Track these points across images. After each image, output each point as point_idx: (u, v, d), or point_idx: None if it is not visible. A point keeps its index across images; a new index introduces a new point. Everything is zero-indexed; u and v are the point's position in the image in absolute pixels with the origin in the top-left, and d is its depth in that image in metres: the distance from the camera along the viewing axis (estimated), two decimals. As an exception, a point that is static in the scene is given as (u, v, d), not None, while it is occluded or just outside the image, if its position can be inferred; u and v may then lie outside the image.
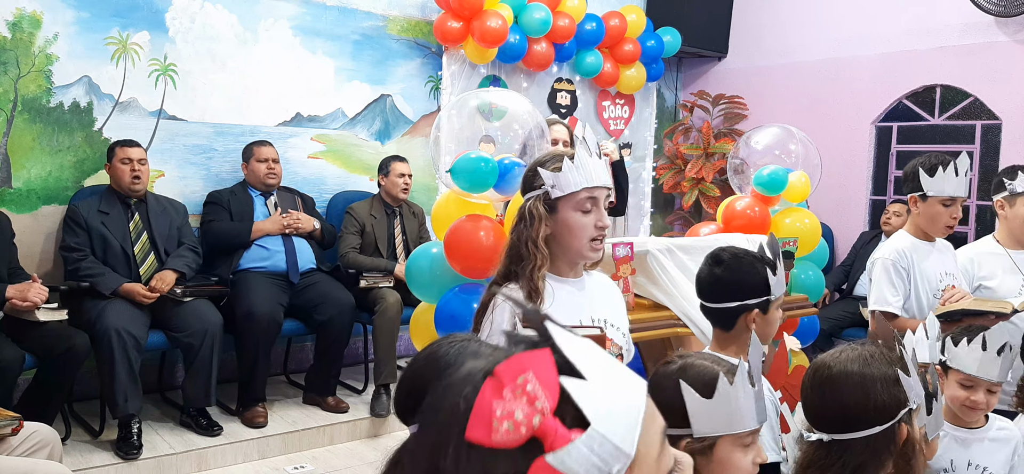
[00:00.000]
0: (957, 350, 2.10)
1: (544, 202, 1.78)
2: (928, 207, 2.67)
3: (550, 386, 0.60)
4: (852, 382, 1.46)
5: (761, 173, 3.58)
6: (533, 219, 1.77)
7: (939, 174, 2.63)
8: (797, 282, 3.55)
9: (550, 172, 1.77)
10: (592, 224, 1.77)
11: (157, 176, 4.29)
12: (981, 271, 2.85)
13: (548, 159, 1.81)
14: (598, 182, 1.77)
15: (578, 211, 1.76)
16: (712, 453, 1.38)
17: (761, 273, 1.94)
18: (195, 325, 3.76)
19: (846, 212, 5.69)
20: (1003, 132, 4.96)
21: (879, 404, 1.43)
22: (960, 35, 5.09)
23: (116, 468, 3.56)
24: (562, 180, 1.75)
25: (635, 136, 6.29)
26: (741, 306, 1.96)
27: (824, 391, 1.50)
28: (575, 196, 1.75)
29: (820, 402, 1.50)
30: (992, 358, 2.09)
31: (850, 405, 1.45)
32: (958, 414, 2.15)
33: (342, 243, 4.47)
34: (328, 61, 4.85)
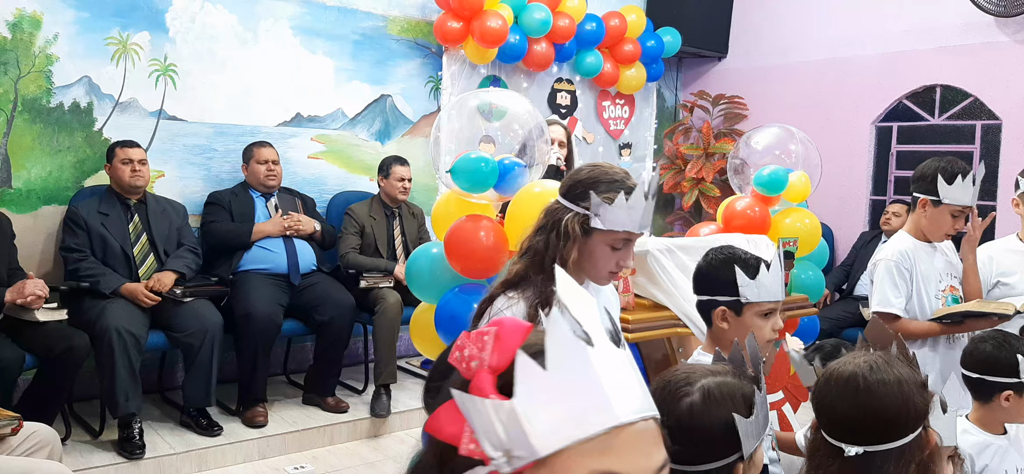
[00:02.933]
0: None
1: (581, 224, 1.73)
2: (938, 213, 2.65)
3: (506, 351, 0.62)
4: (890, 391, 1.42)
5: (761, 173, 3.57)
6: (567, 237, 1.72)
7: (957, 183, 2.60)
8: (797, 282, 3.55)
9: (602, 200, 1.70)
10: (615, 261, 1.75)
11: (157, 176, 4.29)
12: (1000, 268, 2.85)
13: (602, 183, 1.73)
14: (638, 228, 1.73)
15: (609, 246, 1.73)
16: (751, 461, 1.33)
17: (730, 272, 1.90)
18: (195, 325, 3.76)
19: (846, 212, 5.68)
20: (1003, 132, 4.96)
21: (915, 408, 1.41)
22: (960, 35, 5.09)
23: (117, 468, 3.55)
24: (610, 215, 1.69)
25: (635, 136, 6.28)
26: (710, 301, 1.95)
27: (862, 403, 1.44)
28: (615, 234, 1.72)
29: (859, 414, 1.44)
30: None
31: (891, 414, 1.41)
32: None
33: (342, 244, 4.47)
34: (328, 61, 4.85)
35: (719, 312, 1.94)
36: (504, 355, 0.63)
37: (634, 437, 0.63)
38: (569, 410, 0.61)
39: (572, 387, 0.61)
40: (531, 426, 0.60)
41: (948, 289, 2.71)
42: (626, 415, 0.62)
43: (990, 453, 2.10)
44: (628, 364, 0.65)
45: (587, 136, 5.99)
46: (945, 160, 2.65)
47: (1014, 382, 2.06)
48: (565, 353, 0.62)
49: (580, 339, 0.62)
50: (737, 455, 1.29)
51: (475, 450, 0.62)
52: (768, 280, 1.92)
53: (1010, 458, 2.12)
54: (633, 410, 0.63)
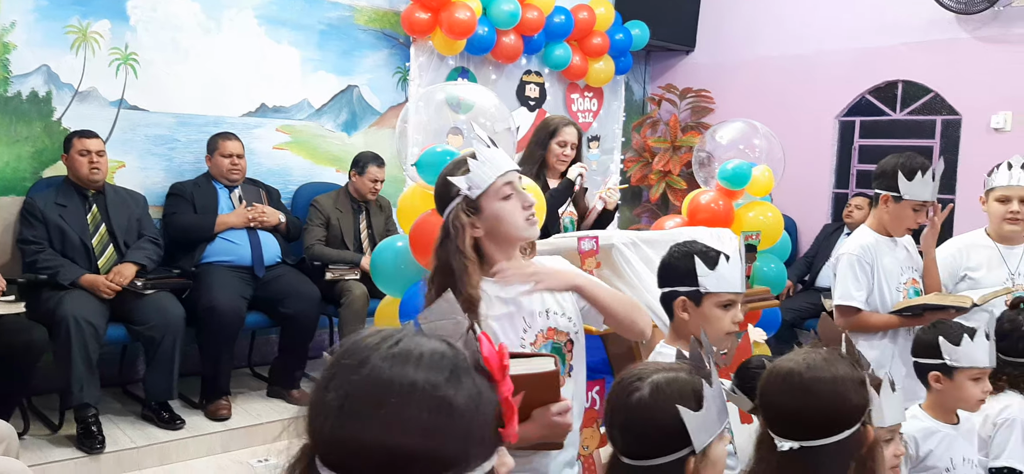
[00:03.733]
0: (963, 349, 2.13)
1: (465, 207, 1.77)
2: (900, 208, 2.70)
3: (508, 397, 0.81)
4: (826, 387, 1.45)
5: (725, 167, 3.61)
6: (457, 229, 1.76)
7: (917, 179, 2.65)
8: (760, 274, 3.59)
9: (461, 176, 1.76)
10: (519, 206, 1.78)
11: (118, 167, 4.22)
12: (969, 262, 2.91)
13: (454, 166, 1.81)
14: (508, 167, 1.78)
15: (500, 200, 1.77)
16: (707, 456, 1.36)
17: (690, 263, 1.94)
18: (156, 318, 3.71)
19: (809, 205, 5.76)
20: (962, 127, 5.05)
21: (852, 406, 1.44)
22: (923, 31, 5.16)
23: (76, 463, 3.50)
24: (475, 179, 1.75)
25: (603, 129, 6.31)
26: (671, 292, 1.99)
27: (798, 398, 1.48)
28: (493, 187, 1.76)
29: (795, 410, 1.48)
30: (991, 346, 2.16)
31: (827, 410, 1.44)
32: (971, 410, 2.20)
33: (307, 235, 4.43)
34: (294, 51, 4.80)
35: (680, 302, 1.97)
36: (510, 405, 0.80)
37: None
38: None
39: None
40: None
41: (909, 282, 2.76)
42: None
43: (935, 440, 2.16)
44: None
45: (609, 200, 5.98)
46: (905, 156, 2.70)
47: (938, 363, 2.12)
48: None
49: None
50: (688, 450, 1.30)
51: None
52: (727, 271, 1.96)
53: (958, 446, 2.17)
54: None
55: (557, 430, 1.71)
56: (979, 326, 2.17)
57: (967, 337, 2.11)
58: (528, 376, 1.68)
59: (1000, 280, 2.79)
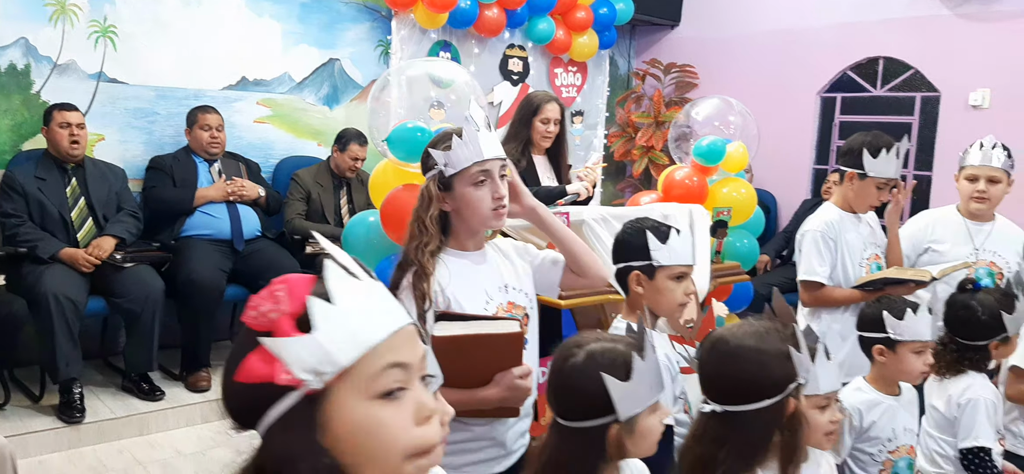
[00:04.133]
0: (906, 323, 2.18)
1: (438, 182, 1.81)
2: (864, 186, 2.74)
3: (298, 299, 0.78)
4: (749, 356, 1.51)
5: (700, 144, 3.64)
6: (426, 199, 1.81)
7: (882, 157, 2.69)
8: (732, 250, 3.63)
9: (441, 151, 1.79)
10: (489, 196, 1.80)
11: (97, 140, 4.23)
12: (934, 235, 2.96)
13: (439, 140, 1.84)
14: (488, 155, 1.79)
15: (472, 186, 1.79)
16: (634, 427, 1.41)
17: (643, 238, 1.99)
18: (136, 291, 3.74)
19: (791, 180, 5.79)
20: (941, 104, 5.08)
21: (773, 378, 1.49)
22: (905, 7, 5.18)
23: (57, 433, 3.55)
24: (453, 158, 1.78)
25: (587, 103, 6.32)
26: (626, 267, 2.03)
27: (722, 364, 1.55)
28: (467, 172, 1.78)
29: (718, 375, 1.56)
30: (932, 320, 2.22)
31: (747, 378, 1.50)
32: (913, 382, 2.26)
33: (288, 209, 4.46)
34: (275, 24, 4.79)
35: (634, 276, 2.01)
36: (297, 302, 0.79)
37: (408, 335, 0.83)
38: (365, 326, 0.79)
39: (357, 310, 0.79)
40: (332, 345, 0.78)
41: (872, 258, 2.81)
42: (401, 322, 0.82)
43: (878, 411, 2.22)
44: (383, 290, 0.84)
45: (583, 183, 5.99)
46: (871, 134, 2.74)
47: (882, 337, 2.18)
48: (343, 288, 0.79)
49: (351, 276, 0.80)
50: (611, 417, 1.37)
51: (289, 378, 0.78)
52: (678, 245, 2.01)
53: (900, 417, 2.24)
54: (402, 319, 0.83)
55: (517, 393, 1.77)
56: (922, 301, 2.22)
57: (911, 311, 2.16)
58: (493, 336, 1.74)
59: (964, 255, 2.84)
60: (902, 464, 2.28)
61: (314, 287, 0.80)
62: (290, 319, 0.78)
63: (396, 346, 0.81)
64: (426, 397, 0.83)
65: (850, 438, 2.26)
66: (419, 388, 0.83)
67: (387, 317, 0.81)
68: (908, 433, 2.29)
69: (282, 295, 0.80)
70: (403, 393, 0.82)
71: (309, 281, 0.81)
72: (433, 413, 0.83)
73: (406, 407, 0.82)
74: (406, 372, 0.82)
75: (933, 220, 3.02)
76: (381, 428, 0.80)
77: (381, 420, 0.80)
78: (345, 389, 0.79)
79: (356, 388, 0.80)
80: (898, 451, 2.27)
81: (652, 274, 2.00)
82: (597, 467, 1.41)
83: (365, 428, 0.80)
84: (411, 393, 0.82)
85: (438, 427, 0.84)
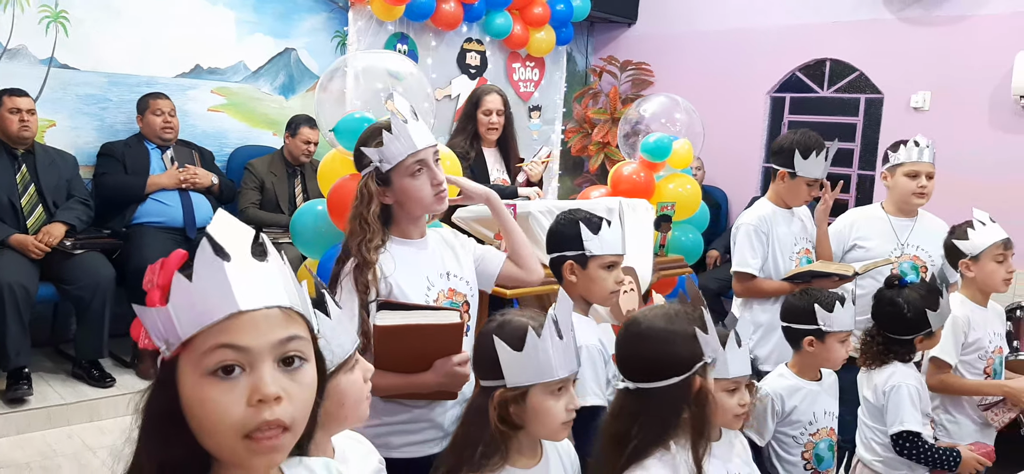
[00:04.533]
0: (835, 315, 2.28)
1: (376, 178, 1.86)
2: (795, 184, 2.87)
3: (168, 274, 0.85)
4: (659, 336, 1.60)
5: (647, 140, 3.73)
6: (365, 197, 1.86)
7: (811, 158, 2.81)
8: (677, 244, 3.73)
9: (374, 149, 1.85)
10: (428, 183, 1.87)
11: (48, 126, 4.21)
12: (858, 233, 3.06)
13: (369, 136, 1.89)
14: (421, 145, 1.85)
15: (409, 177, 1.85)
16: (525, 401, 1.52)
17: (575, 228, 2.07)
18: (86, 278, 3.74)
19: (741, 178, 5.93)
20: (884, 106, 5.24)
21: (680, 357, 1.58)
22: (851, 11, 5.33)
23: (6, 418, 3.55)
24: (387, 153, 1.83)
25: (545, 99, 6.39)
26: (559, 257, 2.11)
27: (633, 344, 1.64)
28: (403, 164, 1.84)
29: (629, 354, 1.65)
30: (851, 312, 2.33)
31: (655, 357, 1.59)
32: (835, 368, 2.38)
33: (241, 199, 4.47)
34: (229, 12, 4.80)
35: (567, 266, 2.09)
36: (167, 276, 0.85)
37: (254, 320, 0.85)
38: (204, 305, 0.84)
39: (207, 290, 0.84)
40: (178, 320, 0.84)
41: (802, 252, 2.92)
42: (246, 305, 0.85)
43: (800, 396, 2.33)
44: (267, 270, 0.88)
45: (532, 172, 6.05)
46: (801, 134, 2.85)
47: (813, 328, 2.29)
48: (205, 268, 0.84)
49: (219, 257, 0.84)
50: (500, 382, 1.52)
51: (145, 343, 0.87)
52: (609, 235, 2.09)
53: (821, 401, 2.36)
54: (253, 301, 0.85)
55: (455, 380, 1.84)
56: (846, 294, 2.33)
57: (839, 304, 2.28)
58: (433, 326, 1.81)
59: (889, 250, 2.96)
60: (823, 446, 2.40)
61: (185, 263, 0.86)
62: (159, 291, 0.85)
63: (232, 328, 0.84)
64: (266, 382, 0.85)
65: (773, 422, 2.37)
66: (265, 371, 0.85)
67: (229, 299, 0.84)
68: (828, 416, 2.41)
69: (158, 268, 0.87)
70: (239, 374, 0.84)
71: (185, 257, 0.87)
72: (266, 398, 0.84)
73: (238, 388, 0.84)
74: (241, 354, 0.84)
75: (857, 218, 3.12)
76: (206, 403, 0.84)
77: (207, 396, 0.84)
78: (186, 361, 0.85)
79: (192, 362, 0.84)
80: (819, 433, 2.39)
81: (585, 263, 2.07)
82: (486, 429, 1.52)
83: (196, 400, 0.84)
84: (249, 376, 0.85)
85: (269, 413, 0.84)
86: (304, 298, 0.93)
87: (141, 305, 0.86)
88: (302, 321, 0.90)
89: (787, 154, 2.83)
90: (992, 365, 2.73)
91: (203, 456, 0.87)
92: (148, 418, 0.88)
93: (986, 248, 2.70)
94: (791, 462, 2.39)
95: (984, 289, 2.74)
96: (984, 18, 4.80)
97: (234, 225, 0.89)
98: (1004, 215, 4.44)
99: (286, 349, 0.87)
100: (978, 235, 2.72)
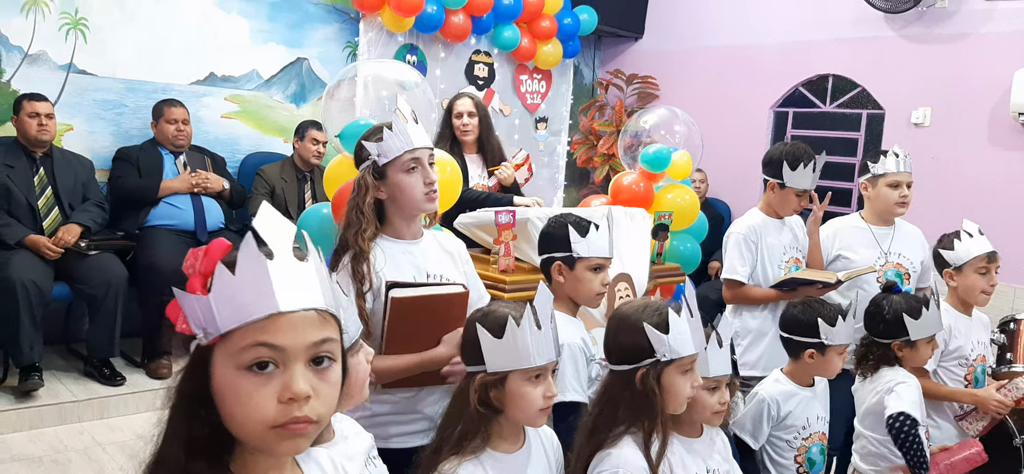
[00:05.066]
0: (837, 329, 2.34)
1: (372, 171, 1.97)
2: (784, 194, 2.96)
3: (211, 262, 0.89)
4: (629, 325, 1.75)
5: (647, 151, 3.81)
6: (362, 188, 1.97)
7: (799, 170, 2.90)
8: (675, 253, 3.80)
9: (374, 143, 1.96)
10: (420, 181, 1.96)
11: (66, 130, 4.33)
12: (842, 243, 3.12)
13: (371, 133, 2.00)
14: (417, 145, 1.96)
15: (404, 173, 1.95)
16: (504, 386, 1.62)
17: (564, 231, 2.18)
18: (99, 277, 3.85)
19: (745, 190, 5.99)
20: (886, 121, 5.31)
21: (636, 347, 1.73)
22: (852, 28, 5.41)
23: (19, 413, 3.65)
24: (385, 148, 1.94)
25: (551, 111, 6.49)
26: (548, 258, 2.22)
27: (612, 330, 1.82)
28: (399, 160, 1.95)
29: (610, 340, 1.83)
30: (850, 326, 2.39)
31: (625, 345, 1.76)
32: (828, 377, 2.44)
33: (252, 204, 4.58)
34: (243, 22, 4.92)
35: (556, 267, 2.20)
36: (210, 263, 0.88)
37: (292, 321, 0.88)
38: (244, 301, 0.86)
39: (249, 286, 0.86)
40: (218, 311, 0.86)
41: (792, 260, 3.00)
42: (285, 306, 0.87)
43: (794, 402, 2.40)
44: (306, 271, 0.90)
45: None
46: (791, 146, 2.93)
47: (815, 342, 2.34)
48: (249, 263, 0.86)
49: (263, 255, 0.87)
50: (481, 367, 1.63)
51: (185, 327, 0.89)
52: (596, 239, 2.19)
53: (813, 407, 2.42)
54: (292, 303, 0.88)
55: None
56: (848, 308, 2.39)
57: (841, 319, 2.34)
58: (445, 296, 1.92)
59: (872, 259, 3.02)
60: (815, 450, 2.46)
61: (228, 255, 0.89)
62: (201, 277, 0.89)
63: (270, 328, 0.86)
64: (298, 382, 0.87)
65: (768, 426, 2.43)
66: (297, 371, 0.88)
67: (269, 299, 0.86)
68: (820, 421, 2.47)
69: (201, 254, 0.91)
70: (273, 370, 0.87)
71: (228, 247, 0.91)
72: (297, 397, 0.87)
73: (271, 384, 0.87)
74: (276, 353, 0.87)
75: (838, 229, 3.16)
76: (240, 395, 0.87)
77: (240, 388, 0.87)
78: (221, 351, 0.88)
79: (228, 353, 0.87)
80: (811, 438, 2.45)
81: (572, 265, 2.17)
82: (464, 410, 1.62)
83: (229, 390, 0.87)
84: (282, 374, 0.88)
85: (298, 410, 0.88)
86: (336, 297, 0.96)
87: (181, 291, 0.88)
88: (334, 322, 0.93)
89: (776, 165, 2.91)
90: (973, 373, 2.79)
91: (227, 437, 0.91)
92: (179, 398, 0.91)
93: (969, 260, 2.76)
94: (784, 465, 2.45)
95: (965, 299, 2.81)
96: (984, 36, 4.86)
97: (279, 221, 0.91)
98: (1002, 230, 4.54)
99: (318, 350, 0.90)
100: (963, 246, 2.78)
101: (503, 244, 3.12)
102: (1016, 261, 4.65)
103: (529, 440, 1.72)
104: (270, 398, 0.87)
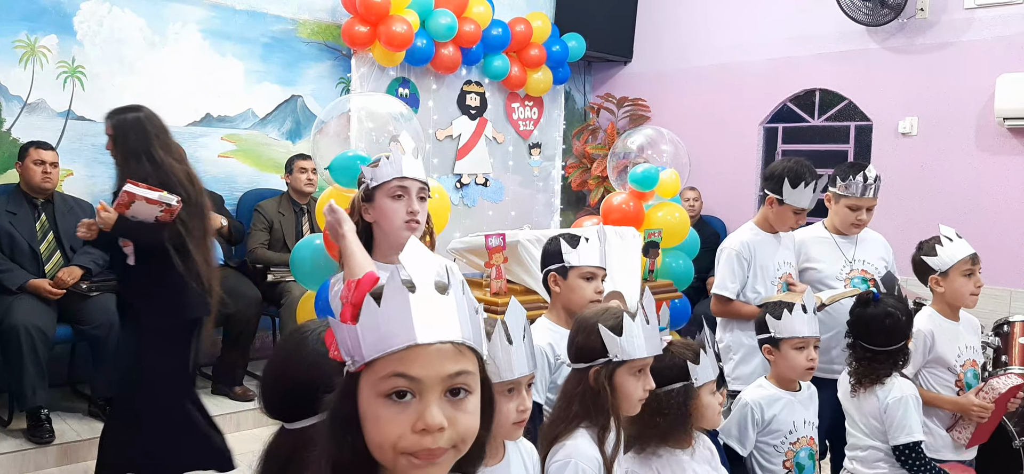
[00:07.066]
0: (783, 322, 2.43)
1: (363, 194, 2.09)
2: (782, 210, 3.00)
3: (361, 294, 0.94)
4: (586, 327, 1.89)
5: (635, 171, 3.88)
6: (353, 209, 2.11)
7: (800, 188, 2.94)
8: (668, 269, 3.86)
9: (370, 168, 2.09)
10: (403, 209, 2.06)
11: (66, 175, 4.41)
12: (807, 255, 3.15)
13: (374, 160, 2.14)
14: (408, 174, 2.06)
15: (389, 198, 2.06)
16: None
17: (557, 245, 2.35)
18: (102, 318, 3.91)
19: (737, 206, 6.06)
20: (874, 132, 5.38)
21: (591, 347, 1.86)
22: (836, 42, 5.50)
23: (25, 454, 3.70)
24: (377, 173, 2.07)
25: (544, 136, 6.58)
26: (546, 271, 2.38)
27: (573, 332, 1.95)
28: (387, 185, 2.06)
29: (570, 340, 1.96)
30: (811, 318, 2.46)
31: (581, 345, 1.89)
32: (801, 377, 2.50)
33: (251, 239, 4.65)
34: (237, 63, 5.02)
35: (552, 277, 2.36)
36: (359, 296, 0.94)
37: (428, 353, 0.92)
38: (386, 331, 0.92)
39: (391, 317, 0.92)
40: (363, 341, 0.92)
41: (784, 277, 3.04)
42: (423, 338, 0.92)
43: (778, 406, 2.46)
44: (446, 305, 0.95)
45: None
46: (793, 163, 2.97)
47: (766, 337, 2.49)
48: (393, 296, 0.92)
49: (405, 287, 0.92)
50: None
51: (334, 354, 0.96)
52: (587, 250, 2.34)
53: (797, 411, 2.48)
54: (430, 335, 0.92)
55: None
56: (797, 302, 2.46)
57: (787, 311, 2.42)
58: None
59: (838, 268, 3.05)
60: (803, 454, 2.51)
61: (376, 287, 0.95)
62: (351, 307, 0.94)
63: (408, 358, 0.91)
64: (432, 412, 0.91)
65: (754, 432, 2.48)
66: (432, 401, 0.92)
67: (408, 331, 0.91)
68: (808, 426, 2.52)
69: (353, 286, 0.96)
70: (410, 400, 0.92)
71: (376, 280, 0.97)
72: (430, 428, 0.91)
73: (407, 413, 0.91)
74: (413, 383, 0.91)
75: (802, 241, 3.18)
76: (378, 421, 0.92)
77: (379, 415, 0.92)
78: (366, 379, 0.94)
79: (371, 382, 0.93)
80: (799, 442, 2.50)
81: (565, 274, 2.33)
82: None
83: (370, 416, 0.93)
84: (418, 403, 0.92)
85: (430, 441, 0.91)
86: (477, 329, 0.98)
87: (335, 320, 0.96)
88: (472, 355, 0.96)
89: (777, 180, 2.95)
90: (964, 378, 2.81)
91: (371, 461, 0.95)
92: (331, 421, 0.96)
93: (955, 263, 2.78)
94: (773, 471, 2.50)
95: (953, 304, 2.81)
96: (966, 44, 4.94)
97: (424, 255, 0.97)
98: (989, 235, 4.60)
99: (454, 382, 0.94)
100: (946, 251, 2.80)
101: (494, 267, 3.19)
102: (1008, 264, 4.70)
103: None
104: (405, 427, 0.91)
